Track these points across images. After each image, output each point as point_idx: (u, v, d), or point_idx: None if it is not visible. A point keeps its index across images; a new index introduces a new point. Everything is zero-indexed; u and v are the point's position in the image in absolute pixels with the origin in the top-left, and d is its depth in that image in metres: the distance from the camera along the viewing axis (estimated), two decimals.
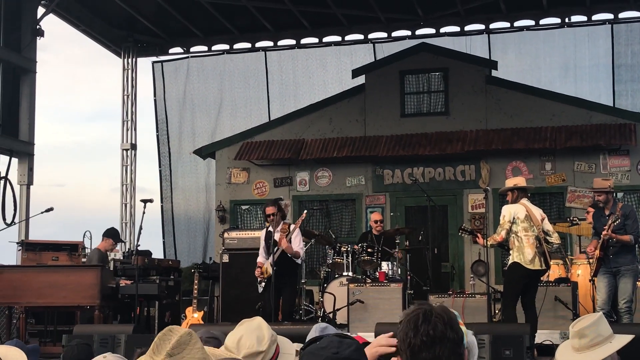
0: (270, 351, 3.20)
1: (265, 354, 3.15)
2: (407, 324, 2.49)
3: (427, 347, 2.42)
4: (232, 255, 12.40)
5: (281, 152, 15.18)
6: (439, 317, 2.48)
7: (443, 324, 2.47)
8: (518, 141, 14.26)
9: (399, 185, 14.87)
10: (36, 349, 6.91)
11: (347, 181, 15.19)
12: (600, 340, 3.77)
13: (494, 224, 13.86)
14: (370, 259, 11.27)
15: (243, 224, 15.49)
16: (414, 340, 2.43)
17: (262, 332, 3.24)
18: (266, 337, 3.23)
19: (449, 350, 2.45)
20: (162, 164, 17.58)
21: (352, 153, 14.78)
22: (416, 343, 2.43)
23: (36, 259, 12.01)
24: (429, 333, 2.43)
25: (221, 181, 15.86)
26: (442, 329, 2.45)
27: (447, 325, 2.48)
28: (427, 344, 2.42)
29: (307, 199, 15.34)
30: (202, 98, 17.51)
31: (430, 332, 2.43)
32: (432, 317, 2.47)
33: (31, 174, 14.37)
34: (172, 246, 17.26)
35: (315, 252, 14.85)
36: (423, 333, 2.43)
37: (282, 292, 9.94)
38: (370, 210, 14.47)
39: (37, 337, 11.48)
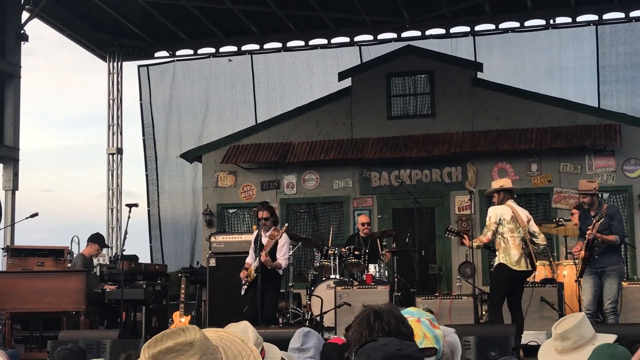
0: None
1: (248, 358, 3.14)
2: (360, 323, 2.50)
3: None
4: (219, 259, 12.38)
5: (268, 155, 15.17)
6: (390, 314, 2.49)
7: (395, 319, 2.49)
8: (504, 143, 14.30)
9: (386, 188, 14.88)
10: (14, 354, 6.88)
11: (335, 184, 15.19)
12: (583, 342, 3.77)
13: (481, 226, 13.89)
14: (357, 261, 11.28)
15: (230, 228, 15.47)
16: (369, 339, 2.43)
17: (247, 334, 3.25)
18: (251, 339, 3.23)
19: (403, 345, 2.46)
20: (149, 168, 17.53)
21: (339, 156, 14.79)
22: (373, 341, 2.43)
23: (22, 264, 11.95)
24: (384, 329, 2.44)
25: (208, 185, 15.83)
26: (395, 324, 2.46)
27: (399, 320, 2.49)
28: None
29: (295, 202, 15.34)
30: (189, 102, 17.48)
31: (385, 328, 2.44)
32: (384, 314, 2.48)
33: (16, 179, 14.30)
34: (159, 250, 17.21)
35: (303, 255, 14.84)
36: (378, 330, 2.44)
37: (264, 297, 9.93)
38: (357, 213, 14.49)
39: (23, 343, 11.41)
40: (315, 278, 11.72)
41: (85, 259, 11.39)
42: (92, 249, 11.55)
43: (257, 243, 10.09)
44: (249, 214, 15.47)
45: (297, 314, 11.54)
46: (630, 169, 14.06)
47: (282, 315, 11.21)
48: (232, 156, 15.37)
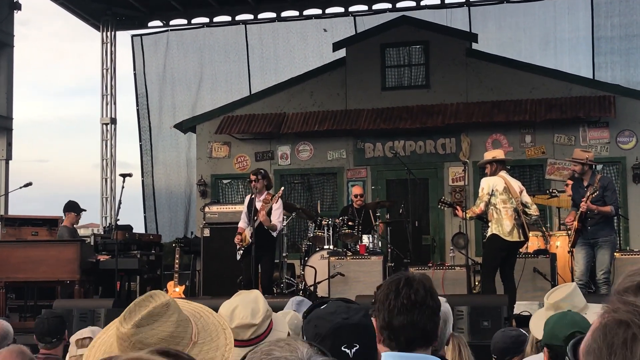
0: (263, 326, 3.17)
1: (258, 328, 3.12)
2: (389, 285, 2.50)
3: (406, 311, 2.43)
4: (213, 229, 12.38)
5: (262, 126, 15.12)
6: (420, 284, 2.49)
7: (424, 290, 2.48)
8: (498, 114, 14.26)
9: (380, 159, 14.86)
10: None
11: (329, 155, 15.16)
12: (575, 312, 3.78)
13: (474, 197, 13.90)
14: (351, 232, 11.28)
15: (224, 198, 15.45)
16: (394, 302, 2.44)
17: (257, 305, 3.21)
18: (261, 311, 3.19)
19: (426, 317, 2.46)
20: (143, 138, 17.47)
21: (333, 127, 14.74)
22: (396, 305, 2.43)
23: (15, 234, 11.93)
24: (410, 297, 2.44)
25: (202, 155, 15.79)
26: (423, 295, 2.46)
27: (428, 292, 2.49)
28: (407, 308, 2.43)
29: (289, 172, 15.32)
30: (182, 72, 17.38)
31: (412, 297, 2.44)
32: (414, 283, 2.48)
33: (10, 149, 14.26)
34: (154, 221, 17.21)
35: (297, 226, 14.85)
36: (404, 296, 2.44)
37: (260, 263, 9.95)
38: (351, 184, 14.47)
39: (18, 312, 11.43)
40: (309, 248, 11.73)
41: (70, 229, 11.34)
42: (70, 217, 11.46)
43: (250, 208, 10.10)
44: (243, 185, 15.45)
45: (291, 284, 11.57)
46: (624, 141, 14.05)
47: (276, 285, 11.22)
48: (226, 127, 15.31)
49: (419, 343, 2.45)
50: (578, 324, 3.41)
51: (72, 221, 11.48)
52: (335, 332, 2.05)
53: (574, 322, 3.42)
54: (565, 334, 3.37)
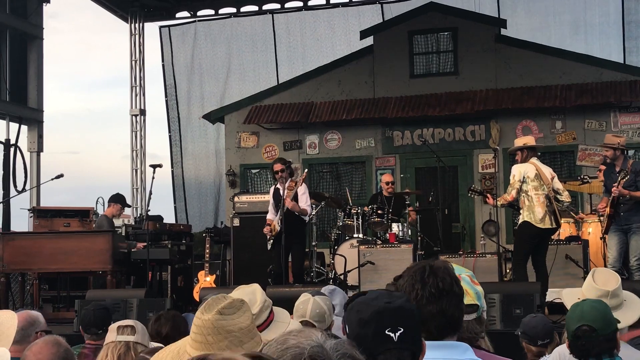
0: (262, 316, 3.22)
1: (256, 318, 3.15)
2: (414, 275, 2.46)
3: (434, 300, 2.40)
4: (242, 219, 12.40)
5: (290, 116, 15.11)
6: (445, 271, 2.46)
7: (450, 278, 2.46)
8: (528, 100, 14.14)
9: (409, 147, 14.80)
10: None
11: (357, 143, 15.13)
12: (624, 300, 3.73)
13: (504, 184, 13.80)
14: (380, 220, 11.25)
15: (253, 188, 15.49)
16: (421, 292, 2.41)
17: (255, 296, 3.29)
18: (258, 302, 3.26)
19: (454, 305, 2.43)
20: (172, 129, 17.55)
21: (361, 115, 14.70)
22: (424, 295, 2.40)
23: (48, 225, 12.04)
24: (438, 286, 2.41)
25: (231, 145, 15.83)
26: (450, 283, 2.44)
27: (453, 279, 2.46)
28: (435, 297, 2.40)
29: (317, 162, 15.31)
30: (210, 62, 17.41)
31: (439, 285, 2.41)
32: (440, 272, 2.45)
33: (41, 141, 14.37)
34: (184, 211, 17.30)
35: (326, 215, 14.85)
36: (432, 285, 2.41)
37: (290, 251, 9.97)
38: (380, 172, 14.44)
39: (51, 302, 11.55)
40: (339, 237, 11.74)
41: (109, 220, 11.44)
42: (114, 209, 11.59)
43: (276, 198, 10.12)
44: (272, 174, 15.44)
45: (321, 273, 11.57)
46: None
47: (306, 273, 11.23)
48: (254, 117, 15.32)
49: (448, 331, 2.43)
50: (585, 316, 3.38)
51: (114, 212, 11.58)
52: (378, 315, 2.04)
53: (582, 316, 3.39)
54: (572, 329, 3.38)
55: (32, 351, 3.40)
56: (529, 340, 4.85)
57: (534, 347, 4.79)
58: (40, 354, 3.38)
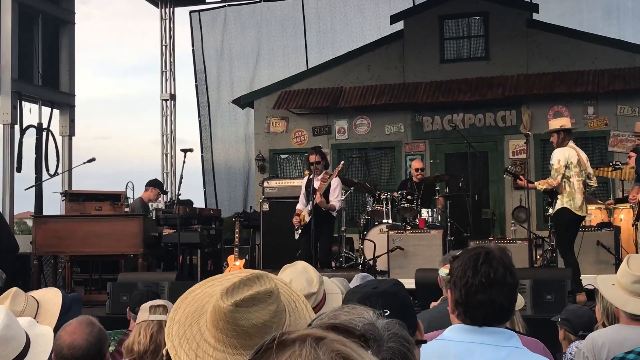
0: (320, 292, 3.19)
1: (317, 295, 3.14)
2: (467, 262, 2.46)
3: (484, 289, 2.40)
4: (272, 203, 12.45)
5: (319, 101, 15.11)
6: (500, 261, 2.44)
7: (504, 267, 2.44)
8: (560, 85, 14.01)
9: (439, 132, 14.75)
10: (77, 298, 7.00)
11: (386, 129, 15.10)
12: None
13: (535, 170, 13.73)
14: (410, 206, 11.23)
15: (282, 173, 15.53)
16: (472, 280, 2.40)
17: (309, 274, 3.23)
18: (315, 279, 3.21)
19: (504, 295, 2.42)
20: (202, 114, 17.62)
21: (391, 100, 14.66)
22: (474, 283, 2.40)
23: (79, 209, 12.15)
24: (489, 275, 2.40)
25: (260, 130, 15.87)
26: (502, 273, 2.42)
27: (507, 269, 2.45)
28: (485, 286, 2.40)
29: (346, 147, 15.30)
30: (240, 47, 17.43)
31: (491, 275, 2.40)
32: (494, 261, 2.43)
33: (72, 125, 14.48)
34: (213, 196, 17.40)
35: (355, 200, 14.86)
36: (483, 274, 2.40)
37: (318, 240, 9.99)
38: (409, 158, 14.41)
39: (82, 285, 11.68)
40: (368, 222, 11.74)
41: (144, 203, 11.53)
42: (152, 193, 11.68)
43: (308, 188, 10.14)
44: (301, 159, 15.48)
45: (350, 258, 11.59)
46: None
47: (335, 259, 11.27)
48: (283, 102, 15.34)
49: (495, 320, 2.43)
50: None
51: (150, 197, 11.68)
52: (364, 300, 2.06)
53: None
54: None
55: (66, 331, 3.41)
56: (570, 328, 4.77)
57: (574, 336, 4.72)
58: (74, 333, 3.39)
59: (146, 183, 11.80)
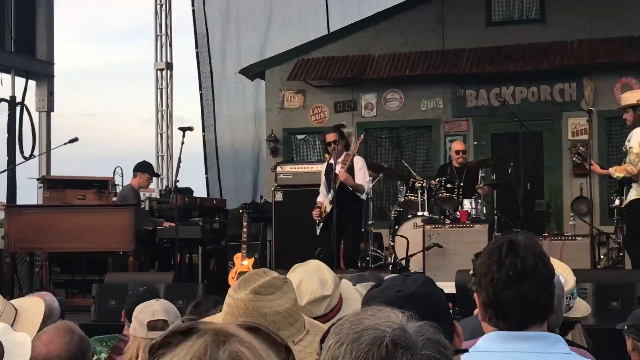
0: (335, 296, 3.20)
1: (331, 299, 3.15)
2: (490, 255, 2.46)
3: (513, 284, 2.40)
4: (286, 192, 12.48)
5: (343, 71, 15.10)
6: (527, 249, 2.44)
7: (533, 256, 2.43)
8: (629, 53, 13.93)
9: (484, 109, 14.71)
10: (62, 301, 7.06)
11: (422, 104, 15.07)
12: None
13: (600, 154, 13.66)
14: (450, 195, 11.23)
15: (299, 157, 15.55)
16: (497, 275, 2.41)
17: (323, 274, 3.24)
18: (329, 280, 3.22)
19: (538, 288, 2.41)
20: (203, 86, 17.65)
21: (427, 70, 14.63)
22: (500, 278, 2.41)
23: (60, 197, 12.23)
24: (516, 266, 2.40)
25: (272, 106, 15.88)
26: (532, 262, 2.42)
27: (537, 257, 2.44)
28: (514, 280, 2.40)
29: (374, 126, 15.29)
30: (249, 8, 17.44)
31: (518, 266, 2.40)
32: (520, 249, 2.43)
33: (52, 99, 14.57)
34: (217, 183, 17.45)
35: (385, 189, 14.86)
36: (509, 266, 2.41)
37: (343, 234, 10.02)
38: (449, 139, 14.38)
39: (64, 287, 11.77)
40: (400, 215, 11.76)
41: (135, 191, 11.58)
42: (142, 179, 11.71)
43: (329, 175, 10.15)
44: (321, 141, 15.49)
45: (379, 257, 11.62)
46: None
47: (361, 258, 11.30)
48: (300, 72, 15.34)
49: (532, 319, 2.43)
50: None
51: (142, 183, 11.73)
52: None
53: None
54: None
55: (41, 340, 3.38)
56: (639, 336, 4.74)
57: None
58: (51, 343, 3.35)
59: (133, 167, 11.84)
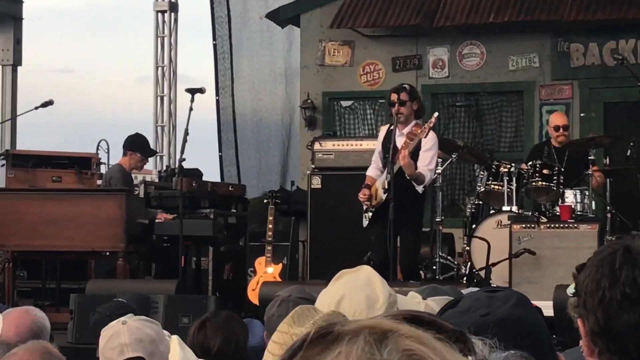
0: None
1: None
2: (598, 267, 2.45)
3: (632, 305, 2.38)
4: (326, 177, 12.50)
5: (404, 16, 15.05)
6: None
7: None
8: None
9: (595, 69, 14.62)
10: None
11: (511, 62, 15.01)
12: None
13: None
14: (547, 185, 11.18)
15: (344, 130, 15.55)
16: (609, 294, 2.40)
17: (374, 289, 3.26)
18: (381, 298, 3.24)
19: None
20: (218, 35, 17.68)
21: (518, 17, 14.55)
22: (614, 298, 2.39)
23: (28, 179, 12.32)
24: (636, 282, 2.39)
25: (309, 62, 15.88)
26: None
27: None
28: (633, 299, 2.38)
29: (446, 90, 15.27)
30: None
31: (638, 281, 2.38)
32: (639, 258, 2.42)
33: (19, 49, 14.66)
34: (234, 163, 17.48)
35: (459, 175, 14.85)
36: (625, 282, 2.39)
37: (400, 232, 10.00)
38: (547, 110, 14.33)
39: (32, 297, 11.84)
40: (478, 211, 11.75)
41: (125, 173, 11.64)
42: (132, 159, 11.78)
43: (386, 145, 10.14)
44: (373, 109, 15.49)
45: (449, 266, 11.60)
46: None
47: (425, 266, 11.30)
48: (347, 17, 15.31)
49: None
50: None
51: (132, 164, 11.78)
52: None
53: None
54: None
55: None
56: None
57: None
58: None
59: (123, 143, 11.88)
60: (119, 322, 4.53)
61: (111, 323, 4.61)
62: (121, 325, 4.51)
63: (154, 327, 4.57)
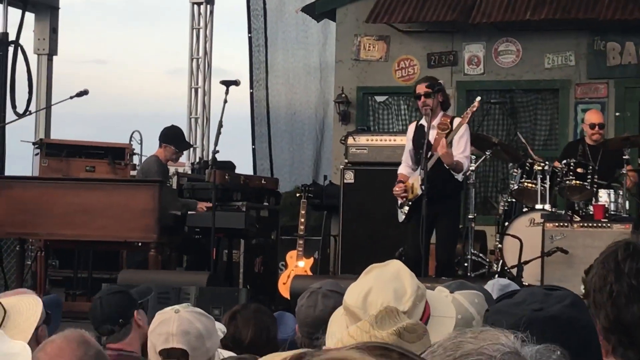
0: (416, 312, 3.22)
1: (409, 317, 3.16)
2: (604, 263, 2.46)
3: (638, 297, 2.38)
4: (359, 172, 12.51)
5: (440, 12, 15.02)
6: None
7: None
8: None
9: (631, 68, 14.56)
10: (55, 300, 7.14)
11: (547, 60, 14.96)
12: None
13: None
14: (580, 184, 11.15)
15: (378, 125, 15.55)
16: (616, 287, 2.41)
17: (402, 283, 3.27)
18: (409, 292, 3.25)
19: None
20: (253, 28, 17.71)
21: (555, 15, 14.49)
22: (621, 291, 2.41)
23: (62, 168, 12.36)
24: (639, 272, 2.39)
25: (344, 57, 15.88)
26: None
27: None
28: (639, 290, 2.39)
29: (481, 87, 15.22)
30: None
31: None
32: None
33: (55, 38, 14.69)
34: (267, 157, 17.51)
35: (492, 172, 14.82)
36: (630, 273, 2.40)
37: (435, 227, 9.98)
38: (582, 108, 14.28)
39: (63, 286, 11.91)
40: (511, 208, 11.76)
41: (162, 164, 11.65)
42: (167, 152, 11.79)
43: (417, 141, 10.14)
44: (407, 104, 15.47)
45: (481, 263, 11.60)
46: None
47: (457, 263, 11.29)
48: (383, 12, 15.30)
49: None
50: None
51: (167, 156, 11.79)
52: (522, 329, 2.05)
53: None
54: None
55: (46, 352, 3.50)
56: None
57: None
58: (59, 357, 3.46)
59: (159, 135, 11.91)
60: (172, 310, 4.52)
61: (165, 309, 4.60)
62: (173, 313, 4.51)
63: (205, 322, 4.53)
